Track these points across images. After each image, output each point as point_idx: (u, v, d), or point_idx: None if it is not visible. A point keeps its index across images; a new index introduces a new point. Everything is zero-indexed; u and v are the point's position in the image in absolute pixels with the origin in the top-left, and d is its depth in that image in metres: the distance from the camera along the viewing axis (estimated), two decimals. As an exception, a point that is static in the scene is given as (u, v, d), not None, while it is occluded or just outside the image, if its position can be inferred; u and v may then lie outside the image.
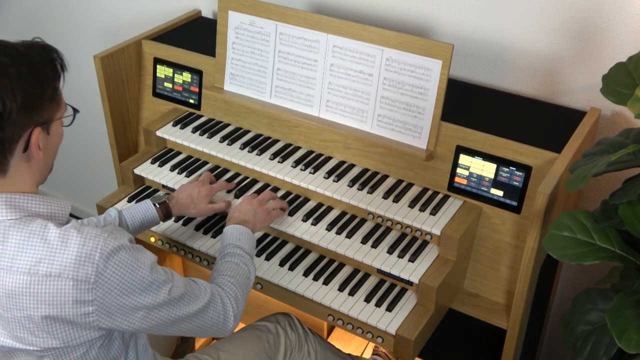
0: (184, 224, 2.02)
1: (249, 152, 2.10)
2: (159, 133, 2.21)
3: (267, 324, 1.92)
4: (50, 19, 3.01)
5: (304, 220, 1.93)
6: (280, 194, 2.04)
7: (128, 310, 1.36)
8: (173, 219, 2.00)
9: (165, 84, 2.32)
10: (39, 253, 1.28)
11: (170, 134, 2.20)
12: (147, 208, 1.86)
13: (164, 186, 2.14)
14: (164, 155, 2.22)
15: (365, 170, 2.02)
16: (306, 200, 2.02)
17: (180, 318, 1.45)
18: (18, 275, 1.28)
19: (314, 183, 1.97)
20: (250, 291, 1.67)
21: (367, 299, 1.81)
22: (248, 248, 1.73)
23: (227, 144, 2.14)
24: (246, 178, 2.11)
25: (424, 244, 1.87)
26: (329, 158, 2.07)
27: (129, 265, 1.33)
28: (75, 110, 1.44)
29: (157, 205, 1.87)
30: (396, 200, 1.91)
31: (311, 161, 2.05)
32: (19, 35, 3.10)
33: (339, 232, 1.90)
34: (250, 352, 1.84)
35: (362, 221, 1.94)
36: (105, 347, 1.42)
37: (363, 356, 2.31)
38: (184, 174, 2.12)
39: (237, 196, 2.02)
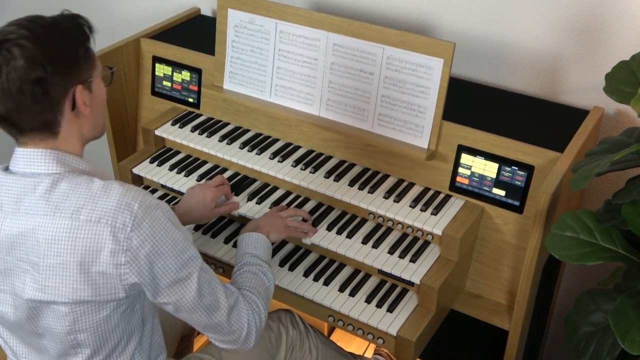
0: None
1: (248, 151, 2.08)
2: (157, 132, 2.19)
3: (269, 322, 1.90)
4: (49, 18, 2.99)
5: (305, 221, 1.92)
6: (279, 193, 2.03)
7: (157, 270, 1.39)
8: None
9: (164, 83, 2.31)
10: (82, 200, 1.35)
11: (169, 133, 2.18)
12: None
13: (162, 186, 2.13)
14: (163, 154, 2.20)
15: (366, 170, 2.01)
16: (306, 200, 2.00)
17: (205, 306, 1.45)
18: (60, 220, 1.34)
19: (314, 183, 1.96)
20: (270, 301, 1.66)
21: (368, 300, 1.80)
22: (264, 255, 1.72)
23: (227, 143, 2.12)
24: (246, 178, 2.09)
25: (425, 244, 1.86)
26: (329, 157, 2.05)
27: (164, 225, 1.38)
28: (111, 68, 1.54)
29: None
30: (397, 200, 1.89)
31: (311, 160, 2.04)
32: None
33: (339, 232, 1.88)
34: (253, 352, 1.83)
35: (363, 221, 1.93)
36: (126, 317, 1.46)
37: (365, 355, 2.30)
38: (183, 173, 2.11)
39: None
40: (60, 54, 1.36)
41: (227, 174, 2.11)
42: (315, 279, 1.85)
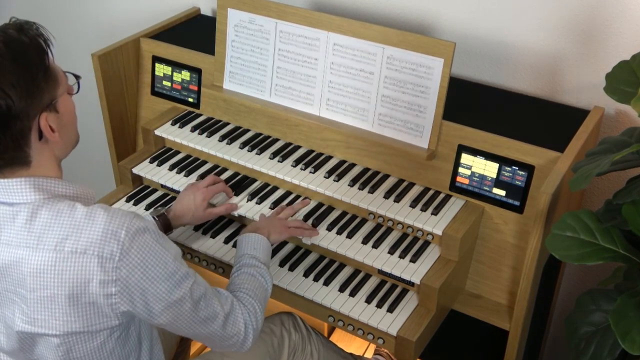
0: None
1: (248, 151, 2.08)
2: (157, 132, 2.19)
3: (272, 326, 1.90)
4: (48, 17, 2.99)
5: (304, 221, 1.91)
6: (279, 193, 2.02)
7: (150, 297, 1.34)
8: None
9: (164, 83, 2.30)
10: (65, 230, 1.28)
11: (169, 133, 2.18)
12: None
13: (162, 186, 2.13)
14: (163, 154, 2.20)
15: (366, 170, 2.00)
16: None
17: (201, 320, 1.42)
18: (44, 252, 1.28)
19: (314, 183, 1.96)
20: (267, 303, 1.64)
21: (368, 300, 1.79)
22: (263, 257, 1.69)
23: (227, 143, 2.12)
24: (246, 177, 2.09)
25: (426, 244, 1.86)
26: (329, 157, 2.05)
27: (153, 249, 1.33)
28: (77, 77, 1.43)
29: (156, 218, 1.84)
30: (397, 200, 1.89)
31: (311, 160, 2.03)
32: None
33: (339, 233, 1.88)
34: (255, 357, 1.82)
35: (363, 221, 1.93)
36: (121, 341, 1.42)
37: (365, 356, 2.29)
38: (183, 173, 2.11)
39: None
40: (16, 87, 1.23)
41: (227, 174, 2.11)
42: (316, 279, 1.85)
